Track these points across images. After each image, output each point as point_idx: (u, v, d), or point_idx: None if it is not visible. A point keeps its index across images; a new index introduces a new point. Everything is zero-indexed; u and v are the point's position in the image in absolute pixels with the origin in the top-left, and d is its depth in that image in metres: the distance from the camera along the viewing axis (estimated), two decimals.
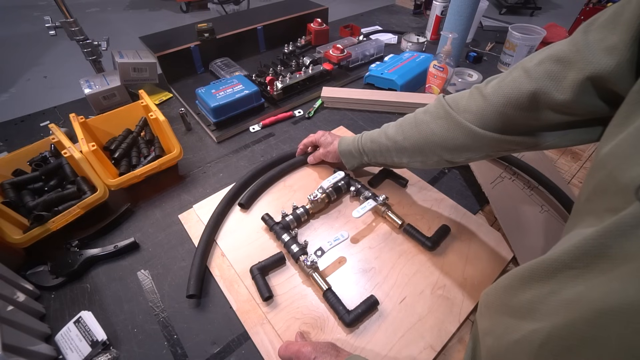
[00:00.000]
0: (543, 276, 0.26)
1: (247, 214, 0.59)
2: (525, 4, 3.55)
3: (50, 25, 0.78)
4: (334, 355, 0.37)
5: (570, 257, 0.24)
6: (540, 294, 0.26)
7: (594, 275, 0.21)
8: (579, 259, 0.23)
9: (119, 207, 0.59)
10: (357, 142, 0.57)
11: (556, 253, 0.25)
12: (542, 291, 0.26)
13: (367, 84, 0.95)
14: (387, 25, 1.33)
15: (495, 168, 0.65)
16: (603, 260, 0.21)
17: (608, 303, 0.19)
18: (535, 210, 0.59)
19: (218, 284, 0.50)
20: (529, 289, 0.27)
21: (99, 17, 3.56)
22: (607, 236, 0.21)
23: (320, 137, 0.64)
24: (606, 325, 0.19)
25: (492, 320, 0.33)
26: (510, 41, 0.95)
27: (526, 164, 0.63)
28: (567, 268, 0.24)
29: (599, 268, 0.21)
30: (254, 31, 1.01)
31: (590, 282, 0.21)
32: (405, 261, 0.52)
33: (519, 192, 0.62)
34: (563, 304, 0.23)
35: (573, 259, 0.23)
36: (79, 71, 1.36)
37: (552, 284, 0.25)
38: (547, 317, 0.24)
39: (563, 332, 0.22)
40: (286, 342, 0.40)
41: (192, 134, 0.79)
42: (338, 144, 0.60)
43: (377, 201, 0.56)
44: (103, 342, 0.43)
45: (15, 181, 0.58)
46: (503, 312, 0.31)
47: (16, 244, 0.48)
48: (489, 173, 0.64)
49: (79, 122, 0.63)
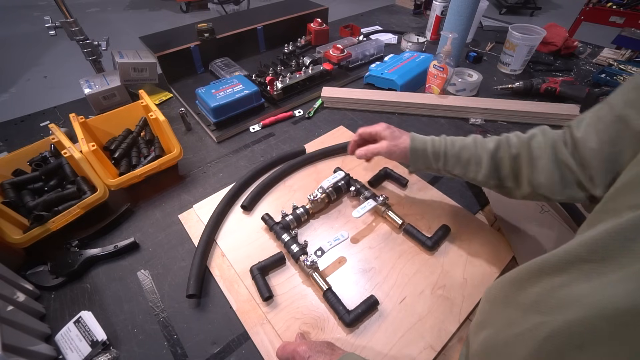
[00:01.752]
0: (554, 269, 0.25)
1: (247, 214, 0.59)
2: (525, 4, 3.55)
3: (50, 25, 0.78)
4: (329, 354, 0.37)
5: (586, 250, 0.23)
6: (549, 288, 0.25)
7: (611, 270, 0.21)
8: (595, 252, 0.22)
9: (119, 207, 0.59)
10: (439, 144, 0.49)
11: (571, 246, 0.24)
12: (552, 284, 0.25)
13: (367, 84, 0.95)
14: (387, 25, 1.33)
15: None
16: (623, 254, 0.20)
17: (634, 300, 0.18)
18: (535, 210, 0.59)
19: (218, 284, 0.50)
20: (538, 282, 0.27)
21: (99, 17, 3.56)
22: (631, 229, 0.20)
23: (385, 129, 0.54)
24: (628, 324, 0.18)
25: (492, 314, 0.32)
26: (510, 41, 0.95)
27: None
28: (582, 261, 0.23)
29: (618, 262, 0.20)
30: (254, 31, 1.01)
31: (608, 276, 0.21)
32: (405, 261, 0.52)
33: None
34: (575, 299, 0.22)
35: (589, 252, 0.23)
36: (79, 71, 1.36)
37: (563, 277, 0.24)
38: (555, 311, 0.24)
39: (576, 327, 0.21)
40: (284, 343, 0.41)
41: (192, 134, 0.79)
42: (410, 139, 0.51)
43: (377, 201, 0.56)
44: (103, 342, 0.43)
45: (15, 181, 0.58)
46: (506, 305, 0.30)
47: (16, 244, 0.48)
48: None
49: (79, 122, 0.63)
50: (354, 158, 0.69)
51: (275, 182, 0.64)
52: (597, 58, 1.06)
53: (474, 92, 0.90)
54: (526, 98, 0.86)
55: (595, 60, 1.06)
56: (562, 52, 1.07)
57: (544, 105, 0.81)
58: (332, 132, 0.77)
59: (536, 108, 0.80)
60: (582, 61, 1.07)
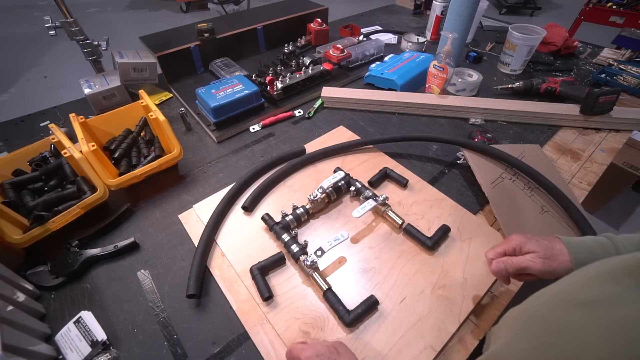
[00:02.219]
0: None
1: (247, 214, 0.59)
2: (525, 4, 3.55)
3: (50, 25, 0.78)
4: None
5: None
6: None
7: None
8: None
9: (119, 207, 0.59)
10: (609, 250, 0.38)
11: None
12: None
13: (367, 84, 0.95)
14: (387, 25, 1.33)
15: (495, 168, 0.65)
16: None
17: None
18: (535, 210, 0.59)
19: (218, 284, 0.50)
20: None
21: (99, 17, 3.56)
22: None
23: (529, 240, 0.41)
24: None
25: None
26: (510, 41, 0.95)
27: (526, 165, 0.63)
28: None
29: None
30: (254, 31, 1.01)
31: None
32: (405, 261, 0.52)
33: (519, 192, 0.62)
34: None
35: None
36: (79, 71, 1.36)
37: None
38: None
39: None
40: (290, 347, 0.39)
41: (192, 134, 0.79)
42: (572, 256, 0.39)
43: (377, 201, 0.56)
44: (103, 342, 0.43)
45: (15, 181, 0.58)
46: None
47: (16, 244, 0.48)
48: (489, 173, 0.64)
49: (79, 122, 0.63)
50: (354, 158, 0.70)
51: (275, 182, 0.64)
52: (597, 58, 1.06)
53: (474, 92, 0.90)
54: (526, 98, 0.86)
55: (595, 60, 1.06)
56: (562, 52, 1.07)
57: (544, 105, 0.81)
58: (332, 132, 0.77)
59: (536, 108, 0.80)
60: (582, 61, 1.07)
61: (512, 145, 0.71)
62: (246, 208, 0.59)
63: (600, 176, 0.69)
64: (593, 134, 0.79)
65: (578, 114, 0.79)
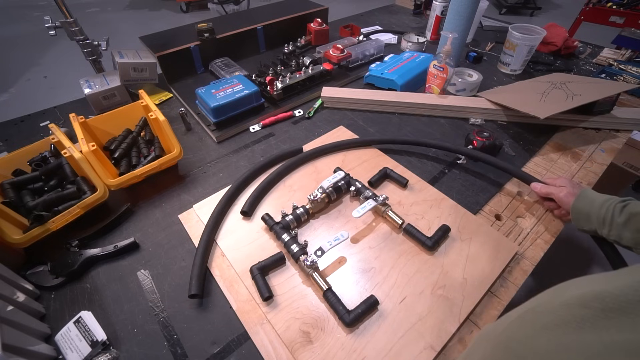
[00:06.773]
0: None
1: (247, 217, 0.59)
2: (525, 4, 3.55)
3: (50, 25, 0.78)
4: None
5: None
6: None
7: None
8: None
9: (119, 207, 0.59)
10: (606, 209, 0.48)
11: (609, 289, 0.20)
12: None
13: (367, 84, 0.95)
14: (387, 25, 1.33)
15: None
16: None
17: None
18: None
19: (218, 284, 0.50)
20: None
21: (99, 17, 3.56)
22: None
23: (569, 182, 0.57)
24: None
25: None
26: (510, 41, 0.95)
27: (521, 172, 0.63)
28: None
29: None
30: (254, 31, 1.01)
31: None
32: (405, 261, 0.52)
33: None
34: None
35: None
36: (79, 71, 1.36)
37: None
38: None
39: None
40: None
41: (192, 134, 0.79)
42: (577, 196, 0.52)
43: (377, 201, 0.56)
44: (103, 342, 0.43)
45: (15, 181, 0.58)
46: None
47: (16, 244, 0.48)
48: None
49: (79, 122, 0.63)
50: (354, 158, 0.70)
51: (274, 182, 0.64)
52: (597, 58, 1.06)
53: (474, 92, 0.90)
54: None
55: (595, 60, 1.06)
56: (562, 52, 1.07)
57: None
58: (332, 132, 0.77)
59: None
60: (582, 61, 1.07)
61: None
62: (245, 213, 0.58)
63: (600, 176, 0.69)
64: (593, 134, 0.79)
65: (578, 114, 0.79)
